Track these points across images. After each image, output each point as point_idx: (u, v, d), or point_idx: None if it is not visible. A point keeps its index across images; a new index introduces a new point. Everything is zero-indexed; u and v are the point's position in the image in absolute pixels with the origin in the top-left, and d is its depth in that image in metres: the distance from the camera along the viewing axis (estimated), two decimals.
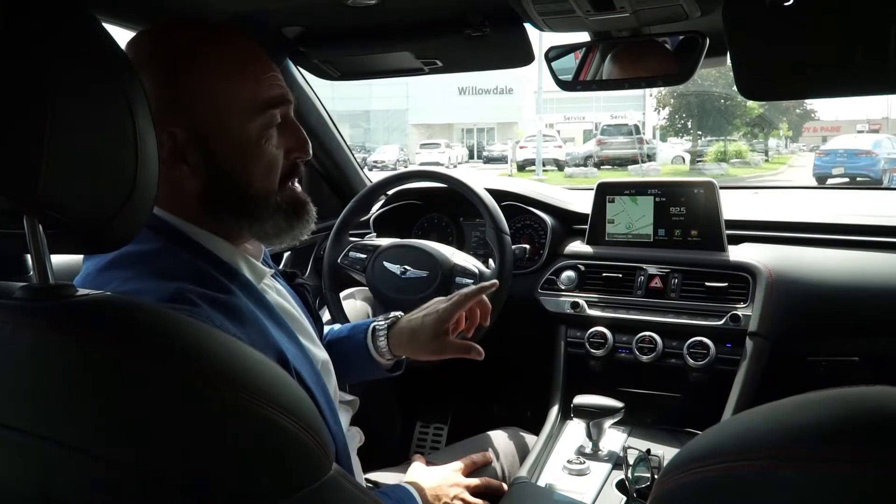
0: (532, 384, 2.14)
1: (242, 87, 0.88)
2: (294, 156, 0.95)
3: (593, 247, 1.86)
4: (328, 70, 1.68)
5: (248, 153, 0.89)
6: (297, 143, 0.95)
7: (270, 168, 0.92)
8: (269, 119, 0.90)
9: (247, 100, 0.88)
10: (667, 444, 1.47)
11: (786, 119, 32.07)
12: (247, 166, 0.90)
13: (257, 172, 0.91)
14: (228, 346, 0.60)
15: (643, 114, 31.19)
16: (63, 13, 0.56)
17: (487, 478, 1.32)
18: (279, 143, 0.93)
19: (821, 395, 0.42)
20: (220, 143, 0.88)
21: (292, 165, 0.96)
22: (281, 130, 0.93)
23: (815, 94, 0.63)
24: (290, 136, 0.94)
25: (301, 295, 1.14)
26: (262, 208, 0.92)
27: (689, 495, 0.45)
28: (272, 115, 0.90)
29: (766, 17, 0.57)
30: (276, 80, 0.92)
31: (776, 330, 1.57)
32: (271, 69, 0.92)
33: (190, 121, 0.86)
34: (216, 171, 0.89)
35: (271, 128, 0.91)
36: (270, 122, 0.91)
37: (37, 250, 0.59)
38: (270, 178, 0.93)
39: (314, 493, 0.57)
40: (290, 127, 0.94)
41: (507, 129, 33.02)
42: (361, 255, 1.78)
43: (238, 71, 0.89)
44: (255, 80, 0.89)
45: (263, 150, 0.90)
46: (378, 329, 1.26)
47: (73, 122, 0.56)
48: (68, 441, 0.54)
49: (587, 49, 1.39)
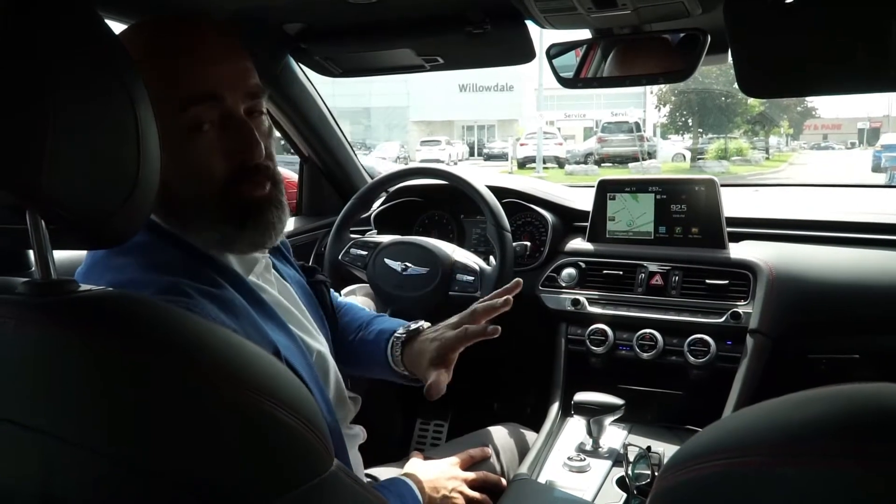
0: (532, 381, 2.15)
1: (164, 85, 0.80)
2: (239, 158, 0.87)
3: (594, 244, 1.86)
4: (329, 67, 1.68)
5: (172, 156, 0.78)
6: (241, 145, 0.86)
7: (200, 173, 0.85)
8: (191, 119, 0.83)
9: (168, 98, 0.80)
10: (667, 442, 1.47)
11: (786, 117, 32.06)
12: (172, 170, 0.79)
13: (183, 177, 0.84)
14: (229, 342, 0.61)
15: (644, 111, 31.15)
16: (65, 9, 0.56)
17: (485, 472, 1.32)
18: (217, 145, 0.85)
19: (821, 392, 0.42)
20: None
21: (241, 169, 0.87)
22: (226, 131, 0.85)
23: (816, 92, 0.63)
24: (232, 137, 0.86)
25: (318, 291, 1.13)
26: (198, 215, 0.86)
27: (690, 492, 0.45)
28: (195, 114, 0.83)
29: (767, 15, 0.57)
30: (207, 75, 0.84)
31: (777, 327, 1.57)
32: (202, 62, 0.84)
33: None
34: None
35: (198, 130, 0.84)
36: (194, 122, 0.83)
37: (39, 246, 0.59)
38: (203, 183, 0.86)
39: (315, 489, 0.57)
40: (235, 126, 0.86)
41: (508, 127, 33.00)
42: (362, 252, 1.78)
43: (163, 66, 0.82)
44: (178, 76, 0.83)
45: (188, 154, 0.84)
46: (397, 338, 1.20)
47: (76, 117, 0.56)
48: (70, 437, 0.55)
49: (588, 46, 1.39)
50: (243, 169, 0.87)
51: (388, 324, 1.26)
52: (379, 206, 2.12)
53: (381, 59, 1.64)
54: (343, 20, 1.48)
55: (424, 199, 2.17)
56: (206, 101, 0.84)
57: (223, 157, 0.86)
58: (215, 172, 0.86)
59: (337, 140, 2.09)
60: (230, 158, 0.86)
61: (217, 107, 0.85)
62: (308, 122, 1.94)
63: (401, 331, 1.21)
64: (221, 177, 0.86)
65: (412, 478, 1.19)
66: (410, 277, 1.69)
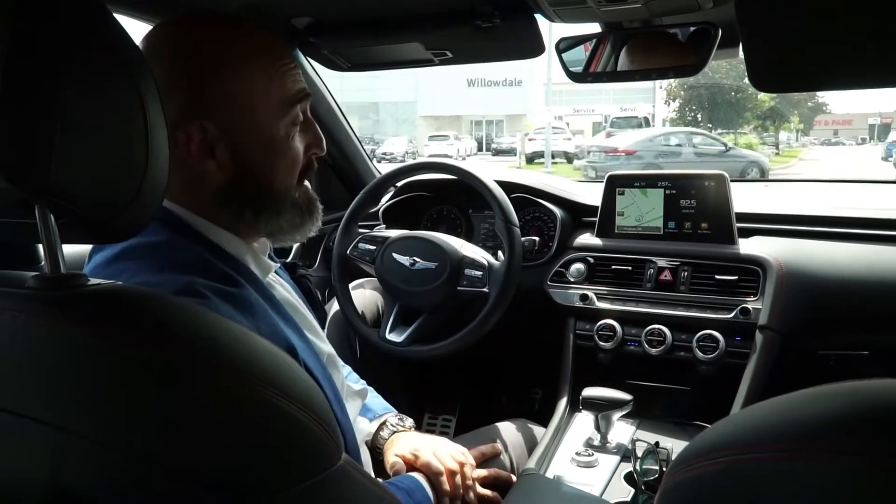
0: (540, 376, 2.15)
1: (272, 84, 0.89)
2: (312, 152, 0.97)
3: (603, 239, 1.85)
4: (338, 61, 1.68)
5: (276, 150, 0.90)
6: (315, 140, 0.97)
7: (293, 165, 0.93)
8: (294, 116, 0.91)
9: (276, 96, 0.89)
10: (675, 437, 1.47)
11: (797, 112, 31.85)
12: (273, 163, 0.91)
13: (282, 169, 0.92)
14: (240, 337, 0.61)
15: (653, 106, 31.01)
16: (74, 4, 0.56)
17: (496, 469, 1.32)
18: (300, 139, 0.94)
19: (831, 388, 0.42)
20: (250, 139, 0.88)
21: (309, 162, 0.97)
22: (301, 127, 0.94)
23: (829, 87, 0.62)
24: (309, 132, 0.96)
25: (303, 286, 1.14)
26: (281, 204, 0.93)
27: (699, 488, 0.45)
28: (297, 112, 0.92)
29: (779, 7, 0.57)
30: (299, 76, 0.93)
31: (786, 323, 1.56)
32: (294, 65, 0.92)
33: (220, 115, 0.86)
34: (242, 166, 0.89)
35: (296, 125, 0.92)
36: (296, 119, 0.92)
37: (48, 240, 0.59)
38: (292, 174, 0.94)
39: (324, 483, 0.58)
40: (308, 123, 0.96)
41: (516, 122, 32.92)
42: (370, 247, 1.78)
43: (268, 67, 0.89)
44: (282, 76, 0.90)
45: (289, 147, 0.92)
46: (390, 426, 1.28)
47: (84, 112, 0.56)
48: (78, 430, 0.55)
49: (598, 40, 1.38)
50: (311, 162, 0.97)
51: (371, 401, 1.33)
52: (387, 200, 2.12)
53: (389, 53, 1.63)
54: (351, 14, 1.48)
55: (433, 193, 2.16)
56: (305, 100, 0.93)
57: (303, 150, 0.95)
58: (300, 165, 0.95)
59: (345, 135, 2.09)
60: (306, 152, 0.96)
61: (307, 104, 0.95)
62: (317, 117, 1.93)
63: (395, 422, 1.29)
64: (300, 168, 0.95)
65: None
66: (418, 272, 1.69)
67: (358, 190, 1.86)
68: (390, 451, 1.22)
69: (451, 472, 1.19)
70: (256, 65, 0.88)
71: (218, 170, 0.88)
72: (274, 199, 0.93)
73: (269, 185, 0.91)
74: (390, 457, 1.21)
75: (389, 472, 1.20)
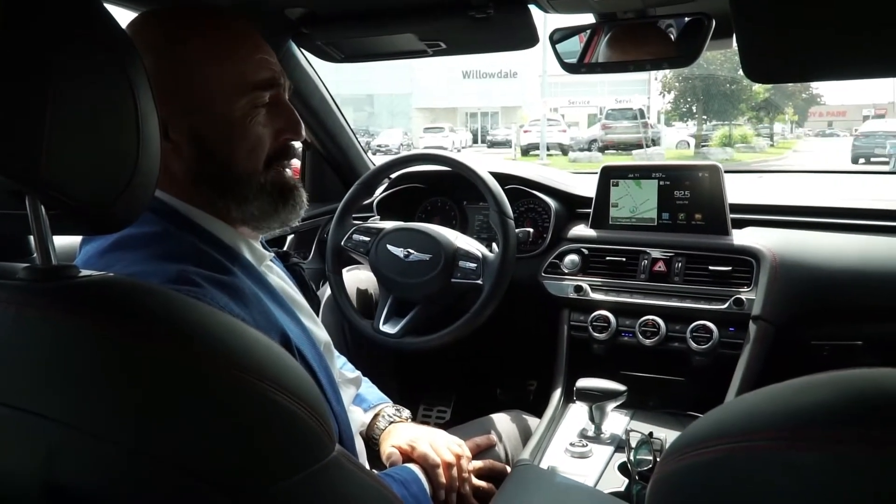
0: (535, 367, 2.15)
1: (226, 69, 0.89)
2: (284, 137, 0.95)
3: (597, 230, 1.85)
4: (331, 52, 1.67)
5: (233, 133, 0.90)
6: (288, 124, 0.95)
7: (255, 147, 0.92)
8: (254, 99, 0.90)
9: (231, 81, 0.89)
10: (669, 428, 1.48)
11: (791, 103, 31.87)
12: (230, 144, 0.90)
13: (240, 151, 0.91)
14: (231, 327, 0.60)
15: (648, 98, 31.04)
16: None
17: (491, 460, 1.33)
18: (267, 122, 0.92)
19: (824, 377, 0.42)
20: (204, 121, 0.89)
21: (282, 147, 0.95)
22: (271, 111, 0.93)
23: (823, 77, 0.62)
24: (281, 116, 0.94)
25: (297, 275, 1.14)
26: (245, 188, 0.92)
27: (691, 477, 0.45)
28: (258, 95, 0.91)
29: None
30: (265, 63, 0.92)
31: (779, 314, 1.57)
32: (261, 51, 0.92)
33: (174, 98, 0.86)
34: (199, 148, 0.89)
35: (258, 107, 0.91)
36: (256, 101, 0.90)
37: (39, 231, 0.59)
38: (254, 157, 0.92)
39: (317, 474, 0.58)
40: (281, 108, 0.94)
41: (512, 114, 32.90)
42: (365, 238, 1.78)
43: (224, 52, 0.89)
44: (242, 62, 0.90)
45: (248, 129, 0.91)
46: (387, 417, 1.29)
47: (75, 102, 0.56)
48: (71, 421, 0.55)
49: (592, 31, 1.38)
50: (284, 148, 0.95)
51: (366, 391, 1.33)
52: (382, 192, 2.12)
53: (383, 45, 1.63)
54: (345, 4, 1.47)
55: (427, 185, 2.16)
56: (272, 87, 0.92)
57: (271, 135, 0.93)
58: (264, 148, 0.93)
59: (339, 126, 2.08)
60: (277, 136, 0.94)
61: (272, 91, 0.93)
62: (310, 108, 1.94)
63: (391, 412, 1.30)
64: (267, 152, 0.93)
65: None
66: (413, 264, 1.69)
67: (352, 181, 1.86)
68: (387, 442, 1.23)
69: (448, 464, 1.19)
70: (210, 50, 0.88)
71: (174, 152, 0.88)
72: (238, 183, 0.92)
73: (228, 167, 0.91)
74: (387, 447, 1.21)
75: (385, 462, 1.20)
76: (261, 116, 0.92)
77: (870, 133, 19.78)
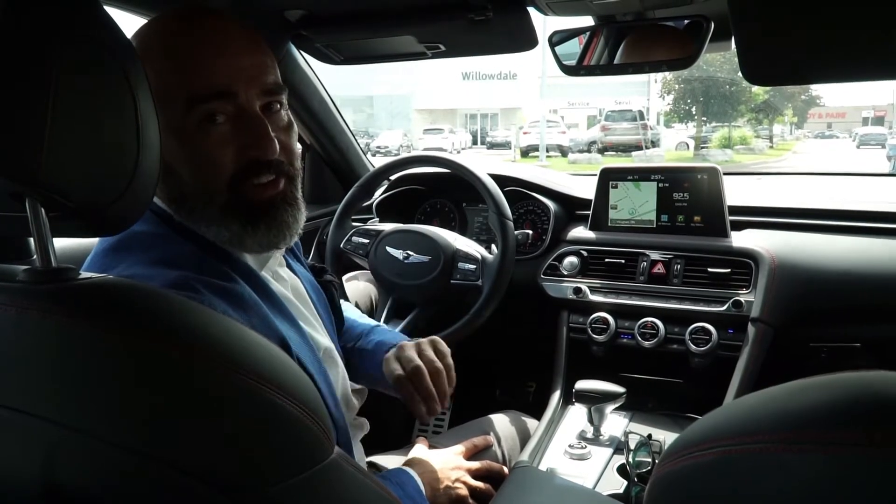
0: (534, 369, 2.15)
1: (172, 78, 0.82)
2: (250, 154, 0.85)
3: (596, 232, 1.85)
4: (331, 54, 1.68)
5: (183, 150, 0.83)
6: (252, 140, 0.85)
7: (210, 166, 0.85)
8: (203, 113, 0.83)
9: (175, 93, 0.81)
10: (668, 430, 1.48)
11: (791, 105, 31.88)
12: (184, 164, 0.84)
13: (192, 170, 0.85)
14: (230, 330, 0.61)
15: (647, 100, 30.99)
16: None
17: (489, 461, 1.33)
18: (232, 138, 0.85)
19: (822, 379, 0.42)
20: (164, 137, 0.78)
21: (250, 163, 0.86)
22: (236, 124, 0.85)
23: (821, 80, 0.62)
24: (243, 132, 0.85)
25: (328, 291, 1.12)
26: (206, 209, 0.86)
27: (690, 478, 0.45)
28: (209, 108, 0.83)
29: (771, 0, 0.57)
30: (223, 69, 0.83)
31: (778, 316, 1.57)
32: (226, 55, 0.84)
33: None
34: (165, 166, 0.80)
35: (211, 122, 0.83)
36: (208, 116, 0.83)
37: (39, 233, 0.59)
38: (213, 177, 0.85)
39: (315, 476, 0.58)
40: (248, 121, 0.85)
41: (511, 115, 32.87)
42: (364, 240, 1.78)
43: (172, 59, 0.83)
44: (190, 70, 0.82)
45: (199, 146, 0.84)
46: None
47: (76, 105, 0.56)
48: (71, 423, 0.55)
49: (591, 33, 1.38)
50: (253, 164, 0.86)
51: (388, 336, 1.24)
52: (381, 194, 2.12)
53: (382, 47, 1.63)
54: (344, 7, 1.48)
55: (426, 187, 2.16)
56: (219, 98, 0.83)
57: (234, 151, 0.85)
58: (224, 166, 0.85)
59: (339, 128, 2.08)
60: (241, 153, 0.85)
61: (231, 101, 0.84)
62: (310, 110, 1.94)
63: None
64: (230, 171, 0.85)
65: (415, 467, 1.19)
66: (412, 265, 1.69)
67: (351, 183, 1.86)
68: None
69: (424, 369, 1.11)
70: (164, 56, 0.82)
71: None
72: (202, 205, 0.86)
73: (190, 187, 0.85)
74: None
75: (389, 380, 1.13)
76: (218, 131, 0.84)
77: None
